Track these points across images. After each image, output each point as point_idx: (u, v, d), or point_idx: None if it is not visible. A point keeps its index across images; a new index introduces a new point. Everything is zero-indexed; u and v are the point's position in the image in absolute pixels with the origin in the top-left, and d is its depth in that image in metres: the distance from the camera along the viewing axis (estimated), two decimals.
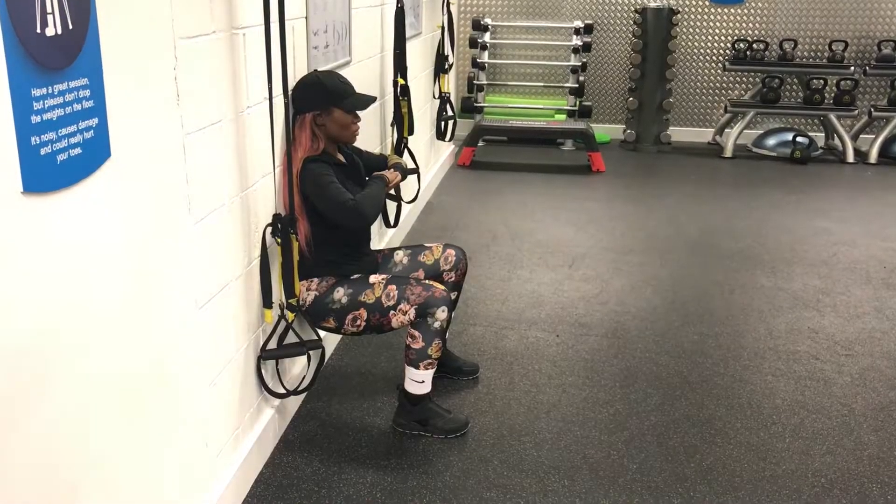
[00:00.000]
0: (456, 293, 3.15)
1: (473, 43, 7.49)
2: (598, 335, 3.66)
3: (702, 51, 7.63)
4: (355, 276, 2.82)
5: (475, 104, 7.46)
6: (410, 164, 4.21)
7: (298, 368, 3.00)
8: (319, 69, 2.89)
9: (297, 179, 2.66)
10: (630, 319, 3.84)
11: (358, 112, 2.78)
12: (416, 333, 2.73)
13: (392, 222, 4.26)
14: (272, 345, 2.61)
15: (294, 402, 2.95)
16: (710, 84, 7.71)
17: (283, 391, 2.68)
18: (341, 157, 2.87)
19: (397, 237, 4.67)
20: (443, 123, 5.76)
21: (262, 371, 2.61)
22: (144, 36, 1.80)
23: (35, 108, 1.43)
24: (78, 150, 1.56)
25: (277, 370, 2.69)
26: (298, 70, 2.83)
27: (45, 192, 1.48)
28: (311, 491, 2.54)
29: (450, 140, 5.89)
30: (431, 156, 5.87)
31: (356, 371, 3.29)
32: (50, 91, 1.47)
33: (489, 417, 2.98)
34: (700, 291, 4.20)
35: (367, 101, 2.78)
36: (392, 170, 2.96)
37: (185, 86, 1.99)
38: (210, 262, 2.20)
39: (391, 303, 2.72)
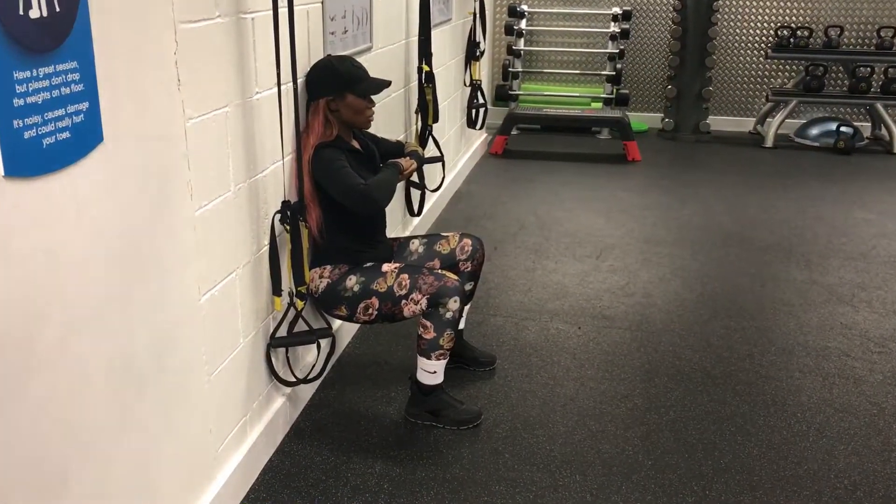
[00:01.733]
0: (472, 283, 3.10)
1: (509, 30, 7.40)
2: (621, 328, 3.59)
3: (743, 38, 7.44)
4: (368, 264, 2.79)
5: (510, 92, 7.38)
6: (434, 153, 4.18)
7: (312, 356, 2.98)
8: (328, 54, 2.85)
9: (309, 165, 2.64)
10: (656, 312, 3.75)
11: (375, 98, 2.75)
12: (428, 323, 2.70)
13: (416, 210, 4.23)
14: (283, 333, 2.60)
15: (307, 390, 2.94)
16: (752, 72, 7.52)
17: (293, 379, 2.66)
18: (356, 144, 2.84)
19: (422, 225, 4.63)
20: (473, 112, 5.72)
21: (272, 359, 2.59)
22: (141, 21, 1.78)
23: (18, 92, 1.42)
24: (66, 135, 1.55)
25: (287, 358, 2.67)
26: (314, 56, 2.80)
27: (30, 176, 1.47)
28: (318, 480, 2.53)
29: (480, 128, 5.83)
30: (462, 144, 5.82)
31: (371, 360, 3.27)
32: (35, 74, 1.46)
33: (503, 409, 2.93)
34: (730, 284, 4.09)
35: (380, 85, 2.74)
36: (408, 157, 2.92)
37: (187, 71, 1.97)
38: (214, 249, 2.19)
39: (403, 292, 2.68)
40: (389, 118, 3.82)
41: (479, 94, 5.67)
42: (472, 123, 5.73)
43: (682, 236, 4.78)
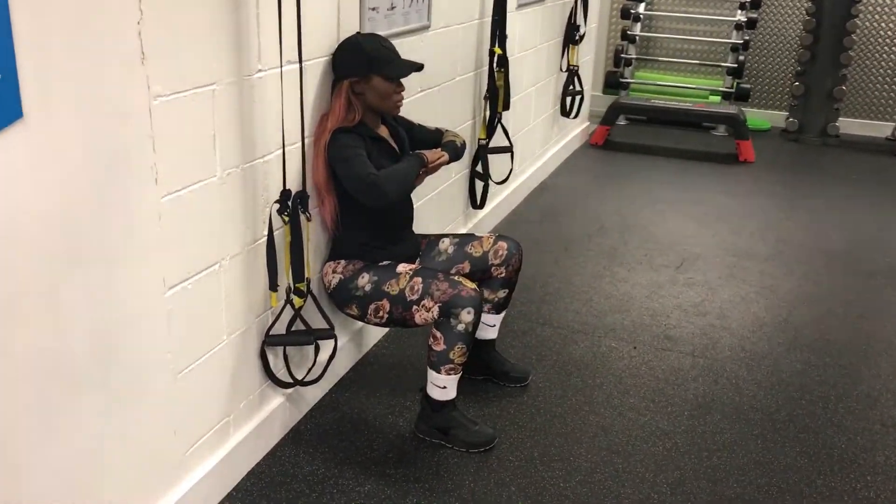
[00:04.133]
0: (506, 291, 2.82)
1: (625, 13, 6.95)
2: (682, 352, 3.22)
3: (887, 34, 6.70)
4: (385, 262, 2.57)
5: (621, 80, 6.95)
6: (503, 143, 3.90)
7: (325, 355, 2.79)
8: (366, 32, 2.62)
9: (325, 151, 2.43)
10: (726, 337, 3.36)
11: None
12: (439, 334, 2.45)
13: (479, 202, 3.97)
14: (282, 331, 2.42)
15: (316, 391, 2.75)
16: (893, 72, 6.77)
17: (290, 381, 2.48)
18: (384, 131, 2.61)
19: (491, 218, 4.36)
20: (569, 99, 5.38)
21: (268, 358, 2.42)
22: None
23: None
24: None
25: (286, 358, 2.48)
26: (345, 33, 2.57)
27: None
28: (300, 492, 2.34)
29: (575, 117, 5.49)
30: (553, 133, 5.48)
31: (398, 362, 3.05)
32: None
33: (523, 434, 2.66)
34: (821, 311, 3.63)
35: (409, 67, 2.50)
36: (439, 149, 2.65)
37: (156, 44, 1.79)
38: (188, 239, 2.01)
39: (415, 297, 2.44)
40: (451, 104, 3.57)
41: (575, 80, 5.35)
42: (566, 112, 5.41)
43: (778, 251, 4.31)
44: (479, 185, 3.94)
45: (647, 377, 3.03)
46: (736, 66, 6.71)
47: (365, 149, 2.44)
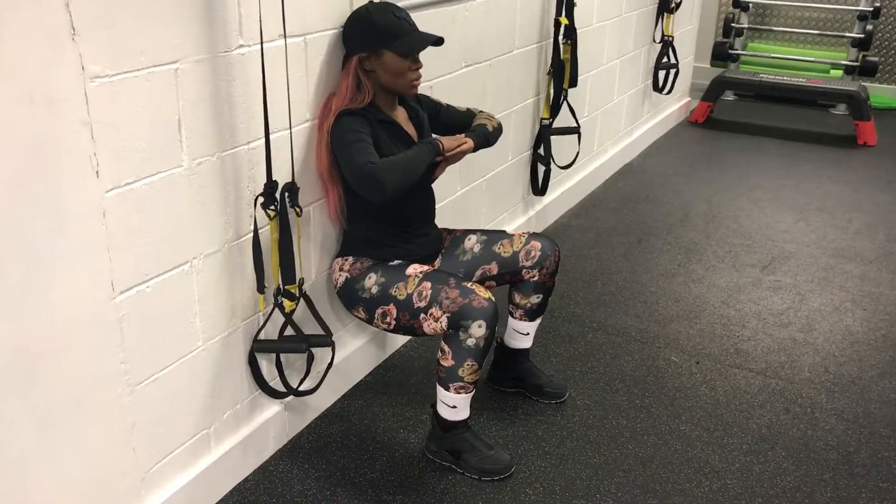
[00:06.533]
0: (540, 296, 2.49)
1: None
2: (753, 370, 2.81)
3: None
4: (395, 262, 2.29)
5: (730, 51, 6.36)
6: (570, 123, 3.53)
7: (337, 358, 2.55)
8: (379, 0, 2.31)
9: (328, 136, 2.17)
10: (809, 354, 2.91)
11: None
12: (447, 348, 2.16)
13: (539, 188, 3.63)
14: (273, 336, 2.18)
15: (326, 397, 2.52)
16: None
17: (283, 390, 2.25)
18: (401, 114, 2.31)
19: (557, 206, 4.00)
20: (662, 73, 4.92)
21: (259, 365, 2.19)
22: None
23: None
24: None
25: (280, 364, 2.24)
26: (360, 2, 2.28)
27: None
28: None
29: (668, 93, 5.04)
30: (643, 110, 5.03)
31: (422, 367, 2.78)
32: None
33: (547, 462, 2.34)
34: None
35: (425, 41, 2.18)
36: (462, 135, 2.33)
37: (90, 17, 1.55)
38: (144, 238, 1.79)
39: (422, 304, 2.16)
40: (506, 80, 3.23)
41: (670, 51, 4.88)
42: (658, 87, 4.95)
43: (887, 252, 3.76)
44: (541, 169, 3.59)
45: (705, 399, 2.65)
46: (863, 36, 6.00)
47: (371, 134, 2.16)
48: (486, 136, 2.39)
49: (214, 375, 2.08)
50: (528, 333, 2.57)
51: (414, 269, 2.24)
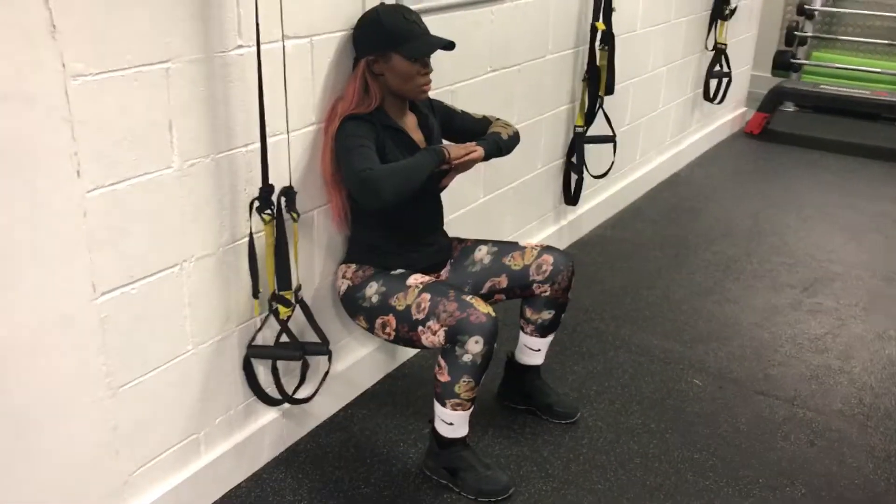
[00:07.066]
0: (552, 312, 2.40)
1: None
2: (779, 397, 2.67)
3: None
4: (398, 271, 2.23)
5: (792, 60, 6.12)
6: (606, 132, 3.42)
7: (343, 365, 2.51)
8: (391, 2, 2.25)
9: (332, 140, 2.12)
10: (843, 384, 2.76)
11: (428, 61, 2.14)
12: (443, 363, 2.09)
13: (571, 198, 3.53)
14: (270, 342, 2.14)
15: (330, 405, 2.48)
16: None
17: (278, 397, 2.21)
18: (410, 120, 2.25)
19: (592, 216, 3.88)
20: (714, 82, 4.76)
21: (255, 370, 2.15)
22: None
23: None
24: None
25: (276, 371, 2.20)
26: (372, 3, 2.23)
27: None
28: None
29: (719, 102, 4.86)
30: (692, 120, 4.86)
31: (432, 379, 2.69)
32: None
33: (549, 486, 2.25)
34: None
35: (435, 45, 2.12)
36: (474, 143, 2.25)
37: (72, 14, 1.53)
38: (129, 240, 1.76)
39: (420, 316, 2.09)
40: (537, 86, 3.14)
41: (723, 59, 4.72)
42: (709, 96, 4.79)
43: None
44: (574, 178, 3.49)
45: (724, 427, 2.52)
46: None
47: (376, 140, 2.10)
48: (499, 145, 2.30)
49: (206, 380, 2.05)
50: (539, 350, 2.48)
51: (415, 279, 2.18)
